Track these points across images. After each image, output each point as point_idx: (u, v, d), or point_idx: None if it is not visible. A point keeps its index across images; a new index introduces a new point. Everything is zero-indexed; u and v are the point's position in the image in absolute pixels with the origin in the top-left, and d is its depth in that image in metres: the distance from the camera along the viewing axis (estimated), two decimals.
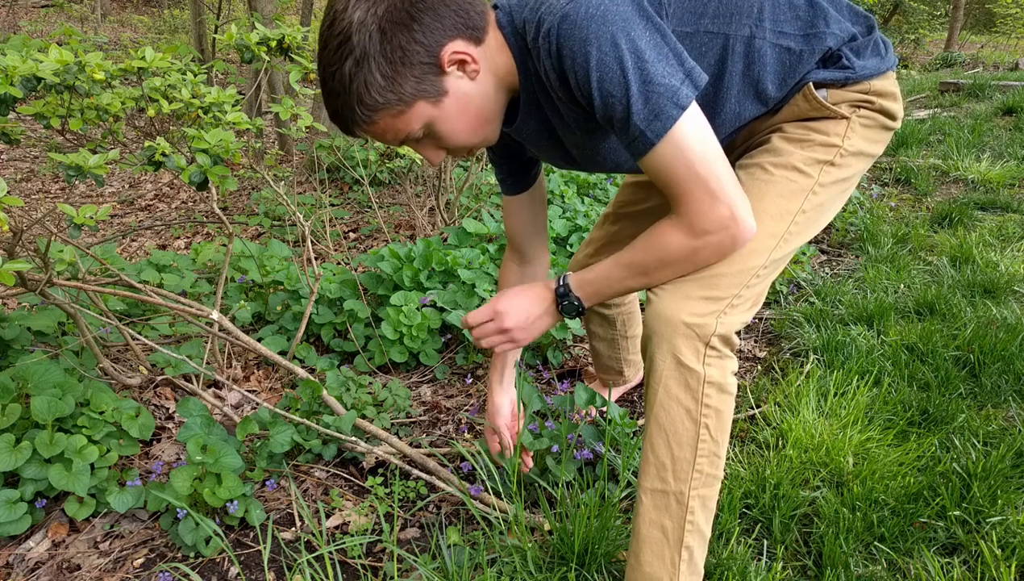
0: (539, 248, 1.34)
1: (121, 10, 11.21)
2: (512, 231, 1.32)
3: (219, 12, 4.20)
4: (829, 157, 1.06)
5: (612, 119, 0.87)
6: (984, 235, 2.73)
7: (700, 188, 0.87)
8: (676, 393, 0.95)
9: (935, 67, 8.72)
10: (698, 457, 0.97)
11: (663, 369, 0.95)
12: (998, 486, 1.36)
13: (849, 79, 1.04)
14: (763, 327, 2.16)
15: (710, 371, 0.95)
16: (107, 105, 1.46)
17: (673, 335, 0.93)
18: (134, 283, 1.56)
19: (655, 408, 0.97)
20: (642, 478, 1.01)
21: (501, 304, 1.04)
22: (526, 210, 1.29)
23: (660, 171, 0.89)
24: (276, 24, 1.71)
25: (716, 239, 0.90)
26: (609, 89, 0.84)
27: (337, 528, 1.38)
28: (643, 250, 0.95)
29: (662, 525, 1.00)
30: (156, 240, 2.96)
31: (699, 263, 0.94)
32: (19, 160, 4.10)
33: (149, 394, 1.75)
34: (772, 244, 1.00)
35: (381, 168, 3.11)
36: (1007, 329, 1.93)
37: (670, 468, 0.98)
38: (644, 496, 1.01)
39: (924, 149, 4.18)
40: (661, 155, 0.87)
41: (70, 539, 1.34)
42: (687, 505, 0.99)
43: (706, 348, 0.94)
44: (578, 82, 0.85)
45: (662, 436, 0.97)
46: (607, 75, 0.83)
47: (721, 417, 0.97)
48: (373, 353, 1.95)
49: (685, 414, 0.96)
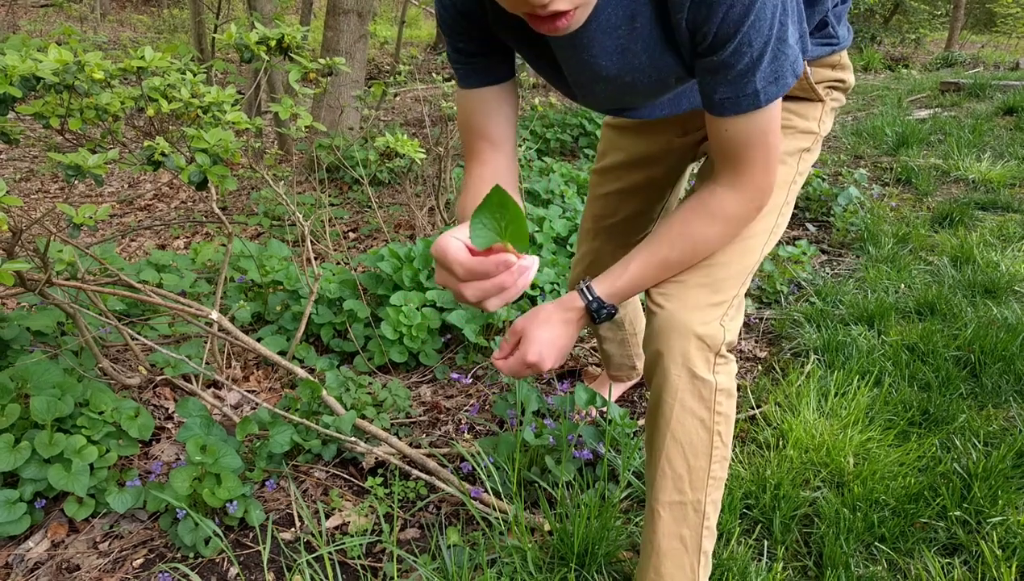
0: (510, 132, 1.02)
1: (120, 9, 11.21)
2: (479, 126, 0.97)
3: (218, 11, 4.20)
4: (807, 144, 1.05)
5: (723, 67, 0.78)
6: (985, 235, 2.73)
7: (764, 157, 0.85)
8: (691, 405, 0.94)
9: (936, 67, 8.72)
10: (712, 464, 0.97)
11: (678, 383, 0.93)
12: (999, 486, 1.36)
13: (833, 50, 1.03)
14: (764, 327, 2.16)
15: (720, 379, 0.94)
16: (106, 105, 1.46)
17: (687, 348, 0.92)
18: (133, 283, 1.56)
19: (672, 423, 0.95)
20: (658, 493, 0.99)
21: (528, 346, 0.92)
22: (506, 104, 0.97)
23: (739, 134, 0.83)
24: (276, 24, 1.71)
25: (756, 206, 0.90)
26: (751, 37, 0.75)
27: (337, 528, 1.38)
28: (681, 244, 0.92)
29: (681, 536, 1.00)
30: (155, 240, 2.96)
31: (733, 236, 0.93)
32: (18, 160, 4.10)
33: (148, 394, 1.75)
34: (763, 239, 1.00)
35: (381, 168, 3.11)
36: (1008, 329, 1.92)
37: (687, 479, 0.97)
38: (662, 510, 0.99)
39: (925, 149, 4.18)
40: (754, 120, 0.82)
41: (69, 539, 1.34)
42: (704, 512, 0.99)
43: (716, 357, 0.94)
44: (722, 15, 0.74)
45: (678, 449, 0.96)
46: (759, 22, 0.74)
47: (729, 421, 0.98)
48: (373, 353, 1.95)
49: (699, 424, 0.95)
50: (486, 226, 0.61)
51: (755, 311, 2.25)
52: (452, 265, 0.65)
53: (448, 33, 0.93)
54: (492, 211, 0.60)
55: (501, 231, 0.61)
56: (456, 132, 2.88)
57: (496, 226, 0.61)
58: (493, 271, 0.62)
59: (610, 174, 1.33)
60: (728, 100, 0.81)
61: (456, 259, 0.64)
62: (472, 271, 0.64)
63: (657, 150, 1.25)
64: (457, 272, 0.65)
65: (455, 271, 0.65)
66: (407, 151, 1.96)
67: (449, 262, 0.65)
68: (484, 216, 0.61)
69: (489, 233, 0.61)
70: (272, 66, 1.72)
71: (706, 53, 0.79)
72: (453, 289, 0.67)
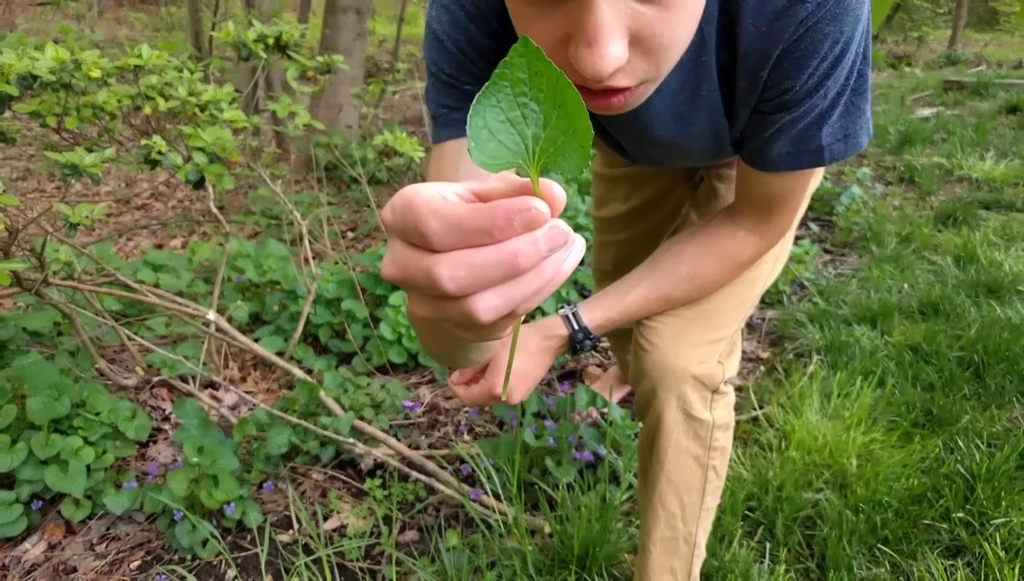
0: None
1: (118, 7, 11.19)
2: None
3: (216, 9, 4.18)
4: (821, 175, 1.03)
5: (790, 124, 0.69)
6: (988, 234, 2.71)
7: (797, 205, 0.81)
8: (686, 445, 0.91)
9: (938, 65, 8.69)
10: (705, 497, 0.95)
11: (673, 426, 0.89)
12: (1002, 488, 1.35)
13: None
14: (766, 327, 2.15)
15: (717, 415, 0.91)
16: (103, 103, 1.45)
17: (683, 390, 0.87)
18: (130, 283, 1.55)
19: (666, 465, 0.92)
20: (650, 531, 0.97)
21: (497, 376, 0.83)
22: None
23: (784, 188, 0.77)
24: (273, 21, 1.70)
25: (771, 246, 0.87)
26: (828, 87, 0.66)
27: (335, 530, 1.37)
28: (688, 285, 0.85)
29: (671, 568, 0.98)
30: (152, 239, 2.94)
31: (739, 275, 0.88)
32: (15, 159, 4.09)
33: (145, 395, 1.74)
34: (769, 268, 0.96)
35: (379, 166, 3.10)
36: (1012, 329, 1.91)
37: (679, 516, 0.96)
38: (652, 547, 0.97)
39: (928, 147, 4.16)
40: (804, 174, 0.74)
41: (66, 541, 1.33)
42: (694, 542, 0.98)
43: (713, 395, 0.90)
44: (811, 70, 0.65)
45: (672, 489, 0.94)
46: (840, 71, 0.65)
47: (725, 453, 0.95)
48: (371, 354, 1.93)
49: (694, 462, 0.92)
50: (499, 132, 0.29)
51: (758, 312, 2.24)
52: (421, 221, 0.31)
53: (445, 68, 0.72)
54: (512, 98, 0.28)
55: (528, 144, 0.29)
56: None
57: (519, 132, 0.29)
58: (500, 228, 0.30)
59: (616, 223, 1.26)
60: (787, 156, 0.72)
61: (430, 208, 0.31)
62: (459, 227, 0.30)
63: (657, 195, 1.18)
64: (429, 231, 0.31)
65: (426, 231, 0.31)
66: (406, 149, 1.95)
67: (416, 216, 0.31)
68: (496, 108, 0.28)
69: (503, 146, 0.29)
70: (270, 64, 1.71)
71: (775, 110, 0.69)
72: (416, 274, 0.32)
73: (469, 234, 0.30)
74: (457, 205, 0.31)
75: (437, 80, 0.73)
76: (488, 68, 0.71)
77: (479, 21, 0.69)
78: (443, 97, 0.73)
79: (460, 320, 0.31)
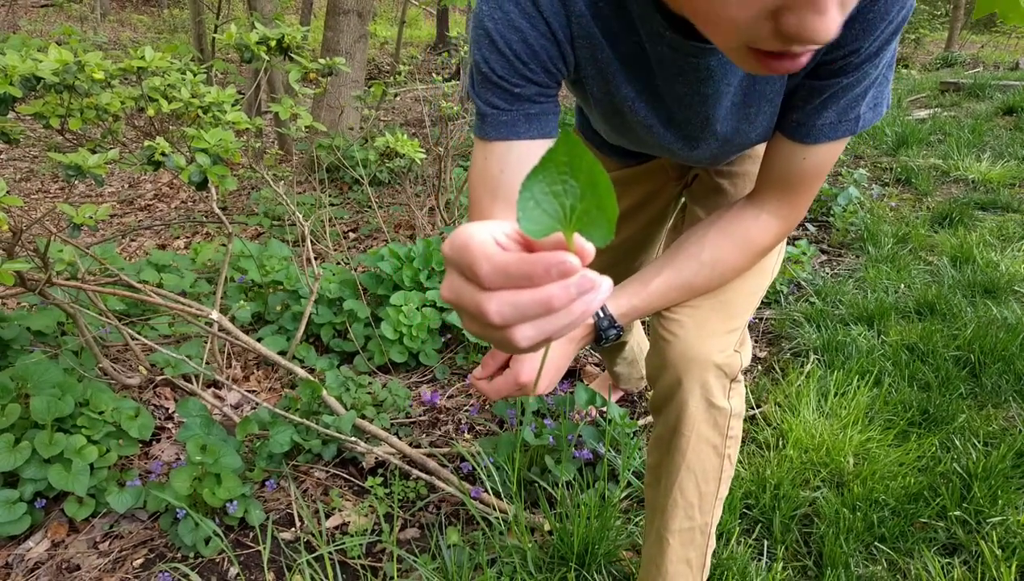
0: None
1: (121, 9, 11.21)
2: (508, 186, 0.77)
3: (219, 12, 4.20)
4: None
5: (843, 89, 0.70)
6: (984, 235, 2.73)
7: (815, 192, 0.82)
8: (706, 434, 0.93)
9: (935, 67, 8.71)
10: (720, 486, 0.97)
11: (696, 414, 0.91)
12: (998, 486, 1.36)
13: None
14: (763, 327, 2.16)
15: (734, 403, 0.93)
16: (106, 105, 1.46)
17: (707, 378, 0.89)
18: (133, 283, 1.56)
19: (688, 455, 0.93)
20: (669, 522, 0.98)
21: (523, 364, 0.80)
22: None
23: (816, 163, 0.77)
24: (276, 24, 1.71)
25: (786, 232, 0.87)
26: (885, 53, 0.67)
27: (337, 528, 1.38)
28: (709, 272, 0.86)
29: (688, 559, 0.99)
30: (155, 240, 2.96)
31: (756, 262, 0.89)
32: (18, 160, 4.10)
33: (148, 394, 1.75)
34: (775, 260, 1.00)
35: (381, 168, 3.11)
36: (1007, 329, 1.92)
37: (697, 505, 0.97)
38: (671, 538, 0.98)
39: (924, 149, 4.18)
40: (836, 147, 0.75)
41: (69, 539, 1.34)
42: (709, 533, 0.99)
43: (731, 383, 0.92)
44: (879, 32, 0.65)
45: (692, 478, 0.95)
46: (897, 37, 0.66)
47: (739, 442, 0.97)
48: (373, 353, 1.95)
49: (712, 451, 0.94)
50: (543, 202, 0.35)
51: (755, 311, 2.25)
52: (475, 262, 0.38)
53: (496, 69, 0.71)
54: (555, 175, 0.35)
55: (566, 213, 0.35)
56: (456, 131, 2.88)
57: (559, 203, 0.35)
58: (539, 276, 0.36)
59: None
60: (829, 126, 0.73)
61: (484, 253, 0.38)
62: (506, 272, 0.37)
63: (646, 197, 1.19)
64: (481, 272, 0.38)
65: (478, 271, 0.38)
66: (407, 151, 1.97)
67: (472, 258, 0.38)
68: (542, 182, 0.35)
69: (546, 214, 0.36)
70: (272, 66, 1.72)
71: (831, 75, 0.69)
72: (468, 304, 0.39)
73: (514, 278, 0.37)
74: (505, 254, 0.38)
75: (486, 79, 0.73)
76: (540, 71, 0.72)
77: (536, 20, 0.69)
78: (492, 97, 0.73)
79: (501, 343, 0.39)
